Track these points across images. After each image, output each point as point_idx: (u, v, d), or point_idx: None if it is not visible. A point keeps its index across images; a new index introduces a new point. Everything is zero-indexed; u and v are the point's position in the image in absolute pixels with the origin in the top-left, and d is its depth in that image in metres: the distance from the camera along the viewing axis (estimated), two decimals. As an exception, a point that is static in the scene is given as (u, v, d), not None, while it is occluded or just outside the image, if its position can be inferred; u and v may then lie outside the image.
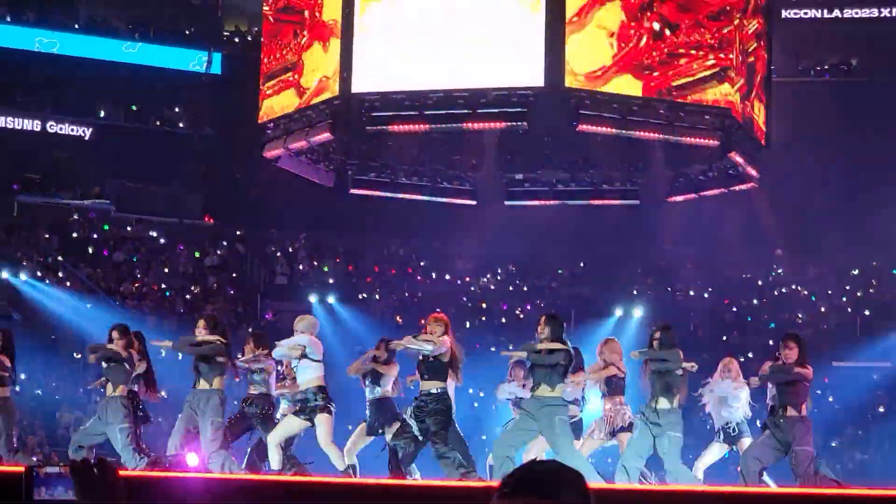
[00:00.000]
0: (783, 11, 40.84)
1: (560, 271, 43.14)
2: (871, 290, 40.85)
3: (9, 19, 42.31)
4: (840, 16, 43.66)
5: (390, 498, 13.29)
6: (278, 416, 16.97)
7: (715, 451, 17.12)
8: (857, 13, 43.50)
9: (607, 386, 16.56)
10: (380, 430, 16.41)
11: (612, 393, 16.45)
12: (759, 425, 16.27)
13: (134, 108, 44.58)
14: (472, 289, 42.05)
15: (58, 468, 4.30)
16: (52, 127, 42.31)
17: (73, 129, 42.53)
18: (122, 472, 4.84)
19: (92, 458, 8.73)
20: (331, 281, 41.37)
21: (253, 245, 42.97)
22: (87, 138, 42.28)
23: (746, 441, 16.52)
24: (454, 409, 15.83)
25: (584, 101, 18.72)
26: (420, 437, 15.66)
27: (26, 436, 28.78)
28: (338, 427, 16.80)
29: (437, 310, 17.28)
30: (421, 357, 15.43)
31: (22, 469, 4.63)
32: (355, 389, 17.55)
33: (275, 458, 16.26)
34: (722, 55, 20.06)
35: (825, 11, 43.66)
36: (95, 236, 41.07)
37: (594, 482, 13.91)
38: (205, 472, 15.11)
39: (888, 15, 42.65)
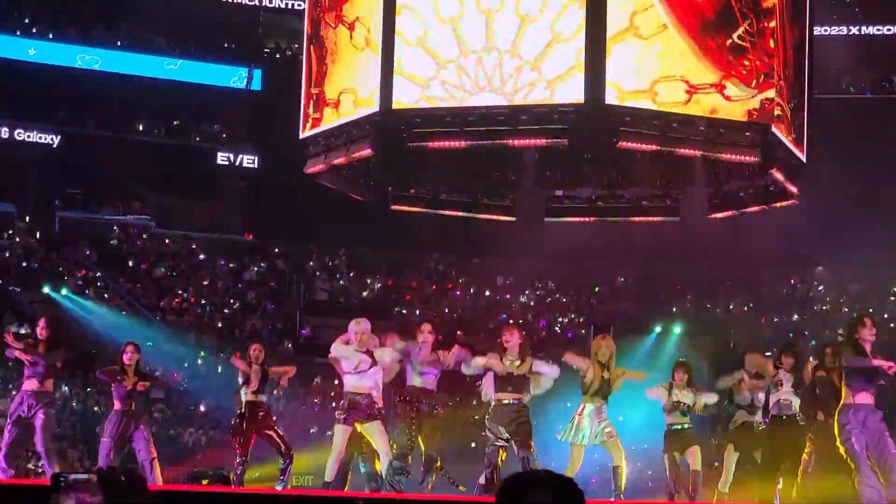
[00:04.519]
0: (825, 28, 40.68)
1: (598, 288, 43.03)
2: (912, 307, 40.59)
3: (51, 36, 42.58)
4: (881, 33, 43.47)
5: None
6: None
7: None
8: (898, 30, 43.37)
9: None
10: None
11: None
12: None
13: (175, 123, 44.78)
14: (512, 305, 41.99)
15: (85, 475, 4.31)
16: (91, 142, 42.55)
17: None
18: (151, 484, 4.83)
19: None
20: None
21: (293, 260, 43.04)
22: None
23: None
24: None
25: (624, 117, 18.58)
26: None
27: (67, 448, 28.90)
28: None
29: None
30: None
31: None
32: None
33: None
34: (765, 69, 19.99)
35: (865, 29, 43.47)
36: (136, 251, 41.24)
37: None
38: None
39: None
